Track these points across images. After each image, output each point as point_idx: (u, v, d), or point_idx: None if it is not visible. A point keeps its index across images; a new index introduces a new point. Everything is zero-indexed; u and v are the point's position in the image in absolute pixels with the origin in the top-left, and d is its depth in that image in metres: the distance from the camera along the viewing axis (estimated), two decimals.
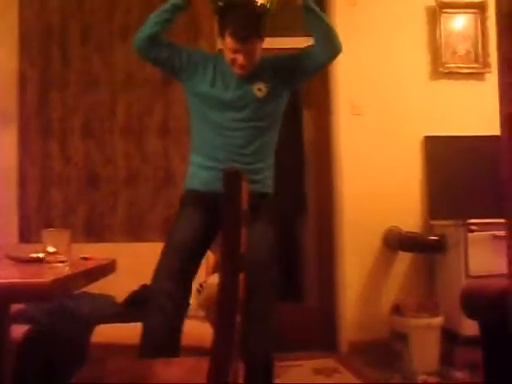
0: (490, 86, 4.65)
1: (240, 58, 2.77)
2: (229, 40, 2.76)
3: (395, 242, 4.48)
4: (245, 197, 1.71)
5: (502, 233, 2.63)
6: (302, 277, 5.12)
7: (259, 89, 2.83)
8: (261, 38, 2.81)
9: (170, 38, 2.96)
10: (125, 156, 4.48)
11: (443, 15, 4.68)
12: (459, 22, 4.72)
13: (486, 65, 4.64)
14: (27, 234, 4.37)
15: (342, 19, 4.64)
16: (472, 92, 4.65)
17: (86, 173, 4.47)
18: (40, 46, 4.49)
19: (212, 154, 2.84)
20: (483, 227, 3.99)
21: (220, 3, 2.79)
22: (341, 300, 4.60)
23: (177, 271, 2.70)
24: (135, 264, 3.83)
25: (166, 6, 2.86)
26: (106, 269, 2.32)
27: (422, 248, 4.38)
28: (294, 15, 3.00)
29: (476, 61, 4.68)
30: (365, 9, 4.67)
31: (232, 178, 1.56)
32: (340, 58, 4.57)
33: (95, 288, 2.47)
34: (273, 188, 2.97)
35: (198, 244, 2.79)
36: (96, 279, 2.21)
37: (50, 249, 2.03)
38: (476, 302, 3.20)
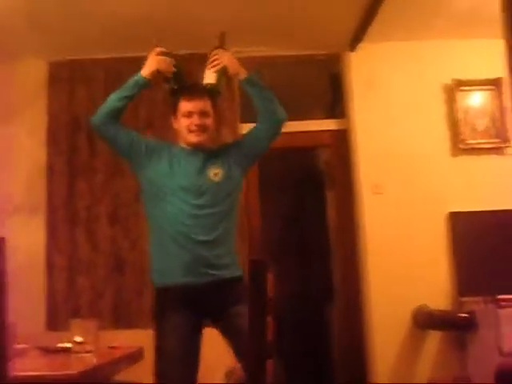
0: (510, 160, 4.69)
1: (194, 119, 2.80)
2: (182, 105, 2.83)
3: (425, 320, 4.41)
4: (270, 285, 1.71)
5: None
6: (334, 359, 5.04)
7: (215, 173, 2.81)
8: (213, 102, 2.87)
9: None
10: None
11: (460, 93, 4.75)
12: (476, 99, 4.78)
13: (506, 139, 4.67)
14: (55, 322, 4.38)
15: (361, 100, 4.74)
16: (493, 166, 4.66)
17: (112, 259, 4.51)
18: (67, 136, 4.63)
19: (173, 243, 2.73)
20: None
21: (174, 86, 2.92)
22: (372, 380, 4.50)
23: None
24: None
25: (128, 83, 2.92)
26: (133, 357, 2.33)
27: (452, 326, 4.30)
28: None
29: (495, 136, 4.71)
30: (382, 89, 4.76)
31: (258, 268, 1.57)
32: (360, 137, 4.72)
33: (124, 376, 2.47)
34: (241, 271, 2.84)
35: (191, 352, 2.67)
36: (124, 368, 2.21)
37: (78, 338, 2.04)
38: (510, 381, 3.13)
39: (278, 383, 2.29)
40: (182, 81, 2.93)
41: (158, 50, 2.97)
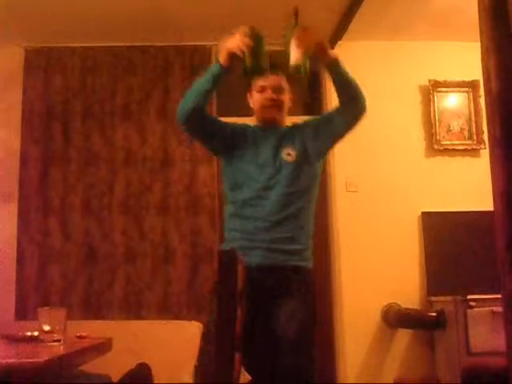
0: (484, 162, 4.72)
1: (268, 93, 2.75)
2: (256, 82, 2.76)
3: (394, 318, 4.44)
4: (241, 277, 1.71)
5: (500, 308, 2.62)
6: None
7: (288, 153, 2.72)
8: (285, 79, 2.78)
9: None
10: (123, 233, 4.50)
11: (436, 94, 4.79)
12: (452, 101, 4.83)
13: (480, 141, 4.72)
14: (24, 311, 4.34)
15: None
16: (467, 168, 4.71)
17: (84, 249, 4.48)
18: (42, 124, 4.59)
19: (241, 225, 2.69)
20: (482, 303, 3.96)
21: (248, 65, 2.64)
22: (341, 378, 4.53)
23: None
24: (132, 342, 3.80)
25: (206, 76, 2.72)
26: (101, 347, 2.31)
27: (421, 324, 4.34)
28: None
29: (470, 138, 4.76)
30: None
31: (227, 259, 1.56)
32: None
33: (91, 367, 2.45)
34: (312, 262, 2.79)
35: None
36: (92, 358, 2.20)
37: (46, 327, 2.02)
38: (477, 382, 3.16)
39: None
40: (257, 59, 2.64)
41: (242, 29, 2.69)
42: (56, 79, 4.66)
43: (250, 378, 2.44)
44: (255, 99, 2.80)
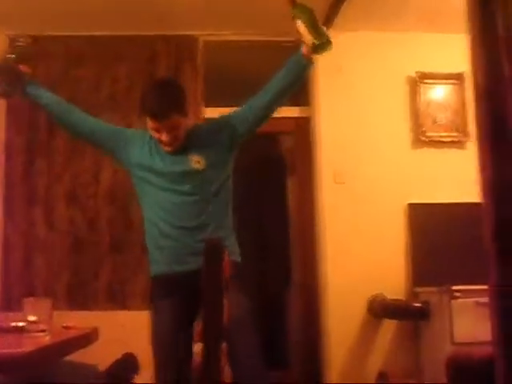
0: (470, 154, 4.74)
1: (163, 136, 2.66)
2: (148, 120, 2.67)
3: (380, 309, 4.46)
4: (226, 265, 1.72)
5: (485, 299, 2.64)
6: (287, 345, 5.08)
7: (197, 161, 2.70)
8: (181, 113, 2.68)
9: None
10: (108, 222, 4.48)
11: (423, 85, 4.80)
12: (439, 92, 4.84)
13: (466, 134, 4.73)
14: (9, 301, 4.32)
15: (325, 89, 4.76)
16: (453, 160, 4.72)
17: (69, 239, 4.46)
18: (26, 114, 4.55)
19: (162, 233, 2.71)
20: (467, 294, 3.99)
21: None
22: (326, 368, 4.55)
23: (171, 370, 2.65)
24: (118, 332, 3.79)
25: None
26: (88, 337, 2.30)
27: (406, 315, 4.36)
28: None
29: (456, 130, 4.78)
30: (346, 79, 4.78)
31: (212, 248, 1.57)
32: (323, 125, 4.74)
33: (78, 357, 2.44)
34: (239, 257, 2.78)
35: (180, 333, 2.67)
36: (78, 348, 2.19)
37: (31, 317, 2.01)
38: (460, 371, 3.18)
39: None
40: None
41: None
42: (40, 68, 4.61)
43: None
44: (151, 133, 2.72)
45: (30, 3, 4.23)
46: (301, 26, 2.66)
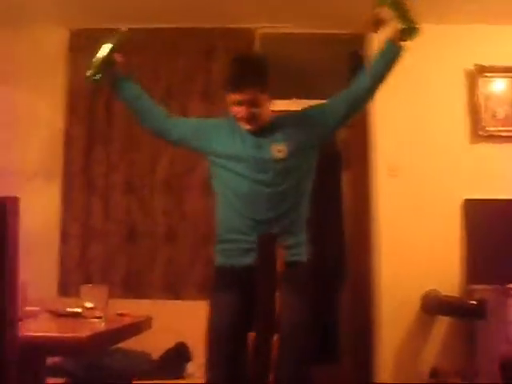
0: None
1: (242, 110, 2.62)
2: (230, 95, 2.64)
3: (434, 305, 4.41)
4: (280, 261, 1.72)
5: None
6: (340, 339, 5.06)
7: (279, 150, 2.64)
8: (263, 88, 2.63)
9: None
10: (164, 213, 4.55)
11: (482, 79, 4.70)
12: (498, 86, 4.73)
13: None
14: (67, 288, 4.43)
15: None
16: None
17: (125, 229, 4.54)
18: (86, 104, 4.65)
19: (233, 224, 2.66)
20: None
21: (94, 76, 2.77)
22: (378, 363, 4.52)
23: (225, 365, 2.55)
24: (172, 321, 3.85)
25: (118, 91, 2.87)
26: (141, 326, 2.35)
27: (461, 313, 4.29)
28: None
29: None
30: (403, 72, 4.70)
31: (266, 242, 1.58)
32: (379, 118, 4.69)
33: (132, 344, 2.49)
34: (306, 256, 2.71)
35: (238, 328, 2.56)
36: (131, 336, 2.24)
37: (88, 304, 2.06)
38: None
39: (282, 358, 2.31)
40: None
41: None
42: None
43: None
44: (232, 110, 2.68)
45: None
46: (387, 12, 2.64)
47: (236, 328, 2.56)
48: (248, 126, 2.67)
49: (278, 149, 2.64)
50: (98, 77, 2.78)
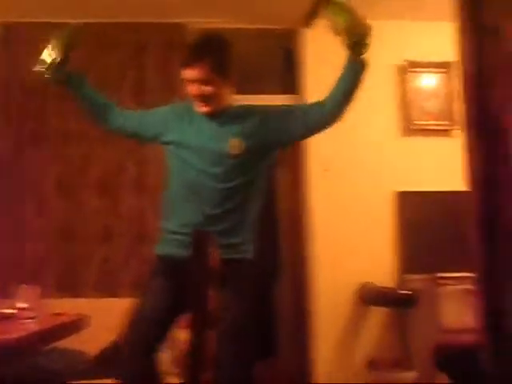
0: (458, 143, 4.76)
1: (194, 88, 2.52)
2: (183, 74, 2.55)
3: (368, 296, 4.49)
4: (215, 257, 1.72)
5: (472, 286, 2.67)
6: (277, 333, 5.10)
7: (235, 144, 2.52)
8: (215, 66, 2.52)
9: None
10: (99, 212, 4.49)
11: (411, 74, 4.81)
12: (427, 81, 4.85)
13: (454, 122, 4.75)
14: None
15: (313, 77, 4.73)
16: (441, 148, 4.73)
17: (60, 228, 4.46)
18: (17, 102, 4.53)
19: (178, 216, 2.57)
20: (454, 281, 4.03)
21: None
22: (315, 355, 4.57)
23: (143, 347, 2.45)
24: (108, 320, 3.80)
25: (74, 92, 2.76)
26: (78, 324, 2.32)
27: (395, 302, 4.39)
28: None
29: (444, 118, 4.80)
30: (335, 67, 4.76)
31: (199, 239, 1.57)
32: None
33: (69, 343, 2.45)
34: (251, 254, 2.63)
35: (166, 314, 2.51)
36: (67, 335, 2.21)
37: (21, 304, 2.02)
38: (448, 358, 3.22)
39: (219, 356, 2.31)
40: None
41: None
42: (29, 56, 4.57)
43: None
44: (187, 89, 2.58)
45: None
46: (335, 26, 2.55)
47: (162, 314, 2.49)
48: (202, 108, 2.56)
49: (235, 143, 2.53)
50: (51, 74, 2.67)
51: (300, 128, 2.63)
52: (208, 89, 2.51)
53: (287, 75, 5.02)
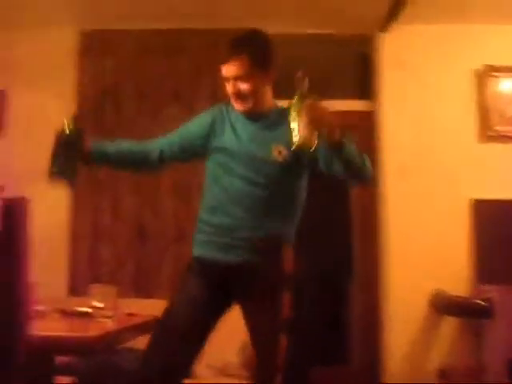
0: None
1: (233, 85, 2.41)
2: (222, 68, 2.45)
3: (442, 305, 4.40)
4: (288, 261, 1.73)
5: None
6: (348, 339, 5.06)
7: (280, 151, 2.39)
8: (253, 61, 2.39)
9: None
10: (173, 213, 4.56)
11: (490, 78, 4.70)
12: (507, 86, 4.73)
13: None
14: (76, 288, 4.45)
15: (390, 82, 4.71)
16: None
17: (135, 228, 4.57)
18: (95, 107, 4.66)
19: (213, 217, 2.46)
20: None
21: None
22: (386, 364, 4.52)
23: (166, 365, 2.25)
24: None
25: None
26: (150, 325, 2.36)
27: (469, 312, 4.29)
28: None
29: None
30: (411, 72, 4.72)
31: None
32: (387, 119, 4.70)
33: (141, 343, 2.51)
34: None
35: (195, 329, 2.35)
36: (140, 335, 2.25)
37: (97, 303, 2.08)
38: None
39: (290, 359, 2.31)
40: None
41: None
42: (109, 62, 4.72)
43: None
44: (226, 88, 2.48)
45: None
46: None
47: (196, 325, 2.34)
48: (240, 106, 2.45)
49: (278, 149, 2.39)
50: (71, 173, 2.57)
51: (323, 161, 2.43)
52: (244, 86, 2.40)
53: (363, 81, 4.99)
